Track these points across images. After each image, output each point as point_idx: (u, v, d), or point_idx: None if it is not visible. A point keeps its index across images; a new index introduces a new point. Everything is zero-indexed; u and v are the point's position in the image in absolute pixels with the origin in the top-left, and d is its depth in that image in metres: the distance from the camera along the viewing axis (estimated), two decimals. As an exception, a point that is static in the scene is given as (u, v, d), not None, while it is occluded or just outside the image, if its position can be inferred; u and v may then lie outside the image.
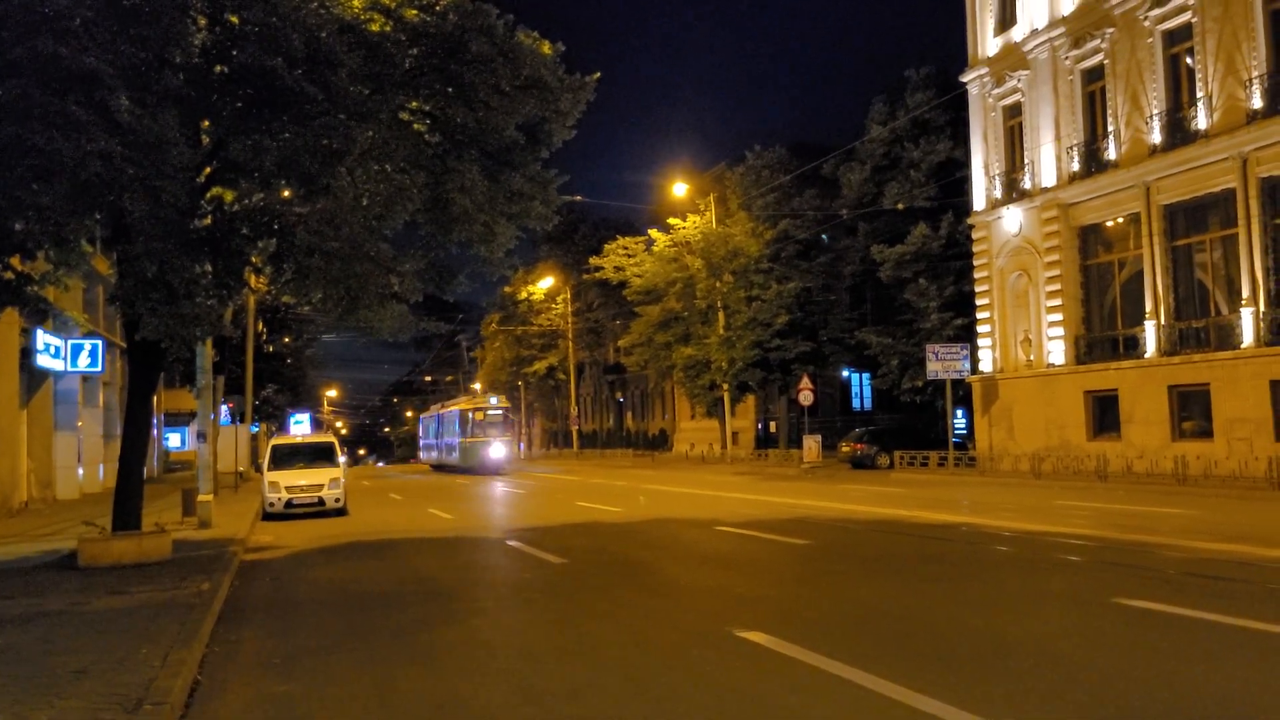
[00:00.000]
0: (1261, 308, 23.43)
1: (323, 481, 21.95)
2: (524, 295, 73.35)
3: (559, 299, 70.20)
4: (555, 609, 9.57)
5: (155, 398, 24.27)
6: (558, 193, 16.44)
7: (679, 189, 45.38)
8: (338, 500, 21.90)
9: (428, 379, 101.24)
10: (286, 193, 13.86)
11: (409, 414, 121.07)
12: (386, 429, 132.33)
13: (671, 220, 45.83)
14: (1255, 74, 23.42)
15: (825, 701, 5.98)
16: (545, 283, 69.97)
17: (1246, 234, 23.75)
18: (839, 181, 41.60)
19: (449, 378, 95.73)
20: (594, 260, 50.29)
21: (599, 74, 15.39)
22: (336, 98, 12.01)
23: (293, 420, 57.96)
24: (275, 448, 23.72)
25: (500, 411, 47.61)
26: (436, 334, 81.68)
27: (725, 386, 44.62)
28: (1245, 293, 23.74)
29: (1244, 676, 6.23)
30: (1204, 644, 7.11)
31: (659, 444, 64.06)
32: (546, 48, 14.76)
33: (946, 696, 5.82)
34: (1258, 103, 23.35)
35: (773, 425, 51.76)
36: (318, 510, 21.72)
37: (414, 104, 14.79)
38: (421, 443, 66.34)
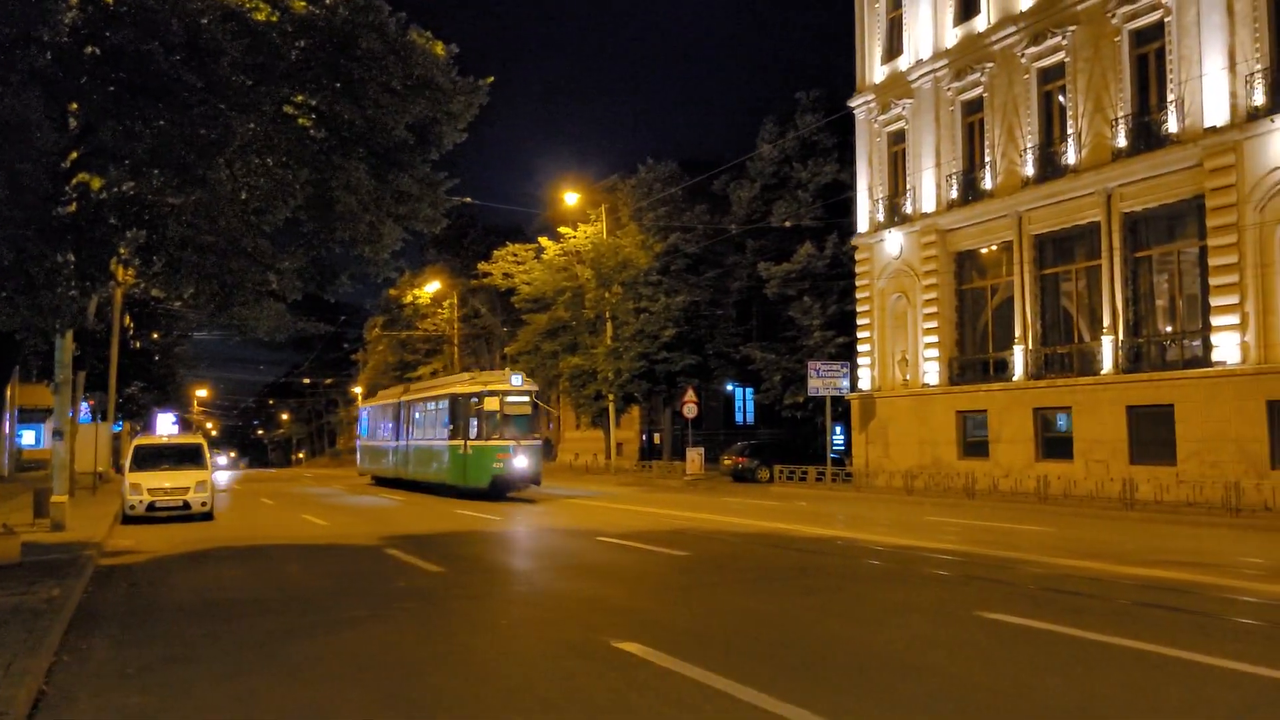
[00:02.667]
0: (1120, 336, 24.67)
1: (188, 484, 21.08)
2: (410, 299, 72.11)
3: (446, 304, 69.23)
4: (430, 619, 9.38)
5: (8, 392, 22.95)
6: (447, 195, 16.21)
7: (570, 198, 45.32)
8: (204, 504, 21.06)
9: (306, 381, 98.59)
10: (160, 183, 13.31)
11: (284, 416, 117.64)
12: (260, 431, 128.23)
13: (562, 229, 45.74)
14: (1121, 114, 24.69)
15: (697, 712, 5.99)
16: (432, 287, 68.90)
17: (1109, 265, 25.00)
18: (729, 198, 42.24)
19: (328, 380, 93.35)
20: (483, 266, 49.81)
21: (492, 78, 15.25)
22: (216, 87, 11.58)
23: (158, 419, 54.55)
24: (138, 448, 22.68)
25: (527, 396, 28.28)
26: (317, 335, 79.82)
27: (611, 397, 44.69)
28: (1106, 321, 24.97)
29: (1096, 688, 6.49)
30: (1060, 656, 7.39)
31: (544, 453, 63.69)
32: (439, 48, 14.54)
33: (816, 706, 5.90)
34: (1122, 142, 24.62)
35: (657, 437, 52.05)
36: (182, 514, 20.86)
37: (299, 98, 14.36)
38: (362, 444, 43.77)
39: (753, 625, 8.83)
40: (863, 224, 33.62)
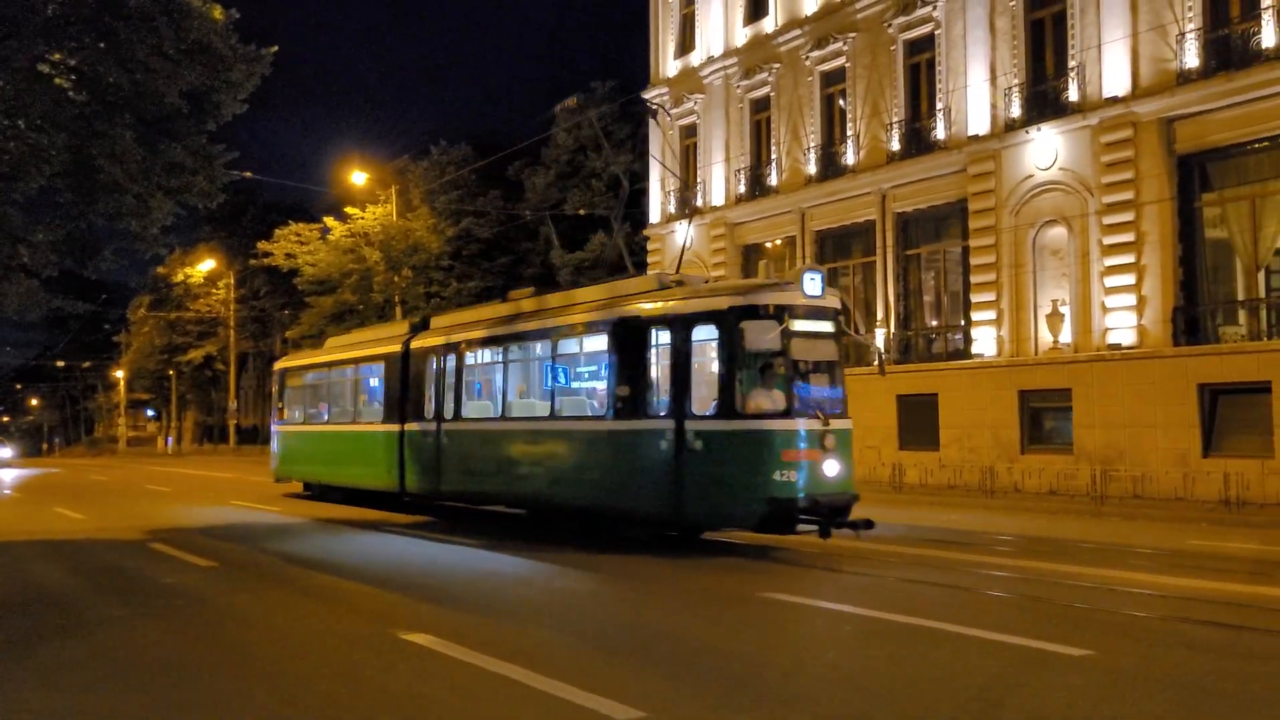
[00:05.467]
0: (892, 329, 26.25)
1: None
2: (181, 278, 67.78)
3: (221, 284, 65.45)
4: (201, 617, 8.81)
5: None
6: (225, 169, 15.31)
7: (359, 177, 43.81)
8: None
9: (60, 364, 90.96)
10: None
11: (34, 402, 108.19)
12: (6, 417, 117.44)
13: (350, 209, 44.17)
14: (896, 119, 26.21)
15: (488, 700, 5.90)
16: (206, 265, 65.01)
17: (883, 262, 26.54)
18: (523, 184, 42.04)
19: (86, 364, 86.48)
20: (263, 245, 47.37)
21: (276, 47, 14.52)
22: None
23: None
24: None
25: (831, 321, 12.37)
26: (74, 314, 73.78)
27: (400, 383, 43.62)
28: (880, 315, 26.50)
29: (868, 661, 6.85)
30: (838, 633, 7.75)
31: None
32: (218, 12, 13.70)
33: (612, 693, 5.91)
34: (896, 145, 26.14)
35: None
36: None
37: (57, 56, 13.19)
38: (288, 431, 23.60)
39: (550, 612, 8.81)
40: (655, 214, 34.23)
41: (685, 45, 33.44)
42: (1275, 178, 19.63)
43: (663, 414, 12.12)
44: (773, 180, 29.88)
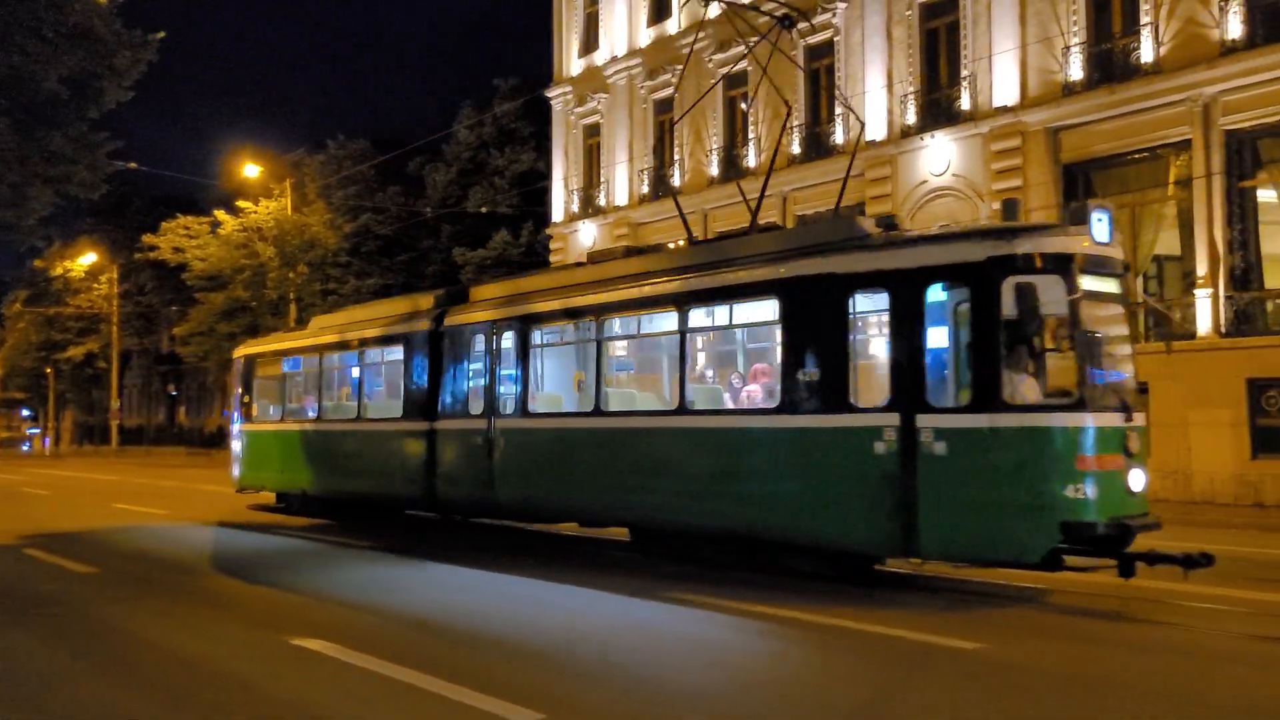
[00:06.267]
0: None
1: None
2: (60, 271, 64.83)
3: (104, 278, 62.80)
4: (80, 626, 8.41)
5: None
6: (108, 159, 14.69)
7: (251, 170, 42.55)
8: None
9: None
10: None
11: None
12: None
13: (242, 203, 42.90)
14: (797, 123, 26.59)
15: (382, 705, 5.77)
16: (88, 259, 62.32)
17: (783, 264, 26.88)
18: (424, 181, 41.45)
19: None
20: (149, 239, 45.57)
21: (163, 33, 14.00)
22: None
23: None
24: None
25: (1117, 280, 9.14)
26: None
27: (295, 382, 42.54)
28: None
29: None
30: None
31: (217, 442, 59.48)
32: (102, -6, 13.13)
33: (513, 696, 5.83)
34: (797, 149, 26.54)
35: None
36: None
37: (-77, 34, 12.47)
38: (260, 432, 19.16)
39: (453, 614, 8.65)
40: (558, 213, 34.10)
41: (589, 44, 33.38)
42: (1154, 187, 20.52)
43: (876, 406, 9.03)
44: (676, 181, 30.04)
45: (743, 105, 28.40)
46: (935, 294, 9.00)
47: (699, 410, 10.77)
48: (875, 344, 9.84)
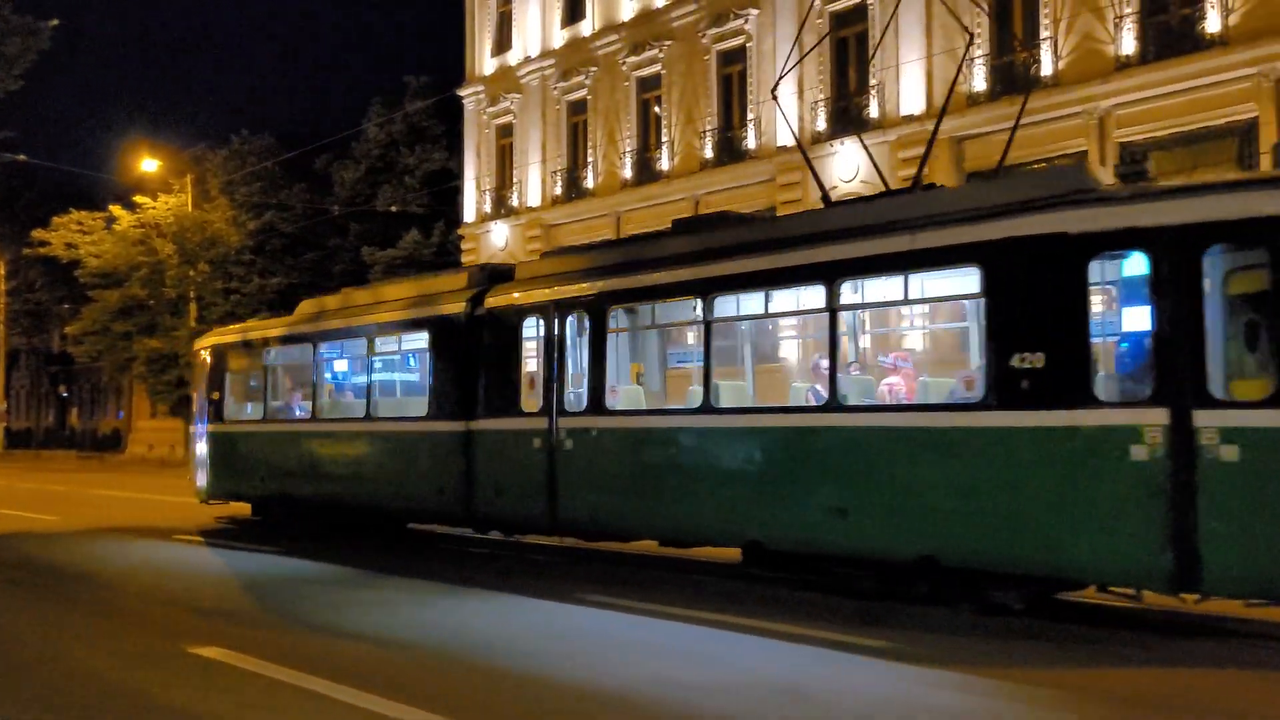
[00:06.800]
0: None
1: None
2: (-57, 267, 61.84)
3: (-9, 275, 60.13)
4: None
5: None
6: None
7: (149, 165, 41.16)
8: None
9: None
10: None
11: None
12: None
13: (140, 199, 41.40)
14: (709, 127, 26.79)
15: (280, 713, 5.59)
16: (-27, 254, 59.53)
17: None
18: (332, 178, 40.62)
19: None
20: (39, 234, 43.64)
21: (57, 21, 13.43)
22: None
23: None
24: None
25: None
26: None
27: (194, 384, 41.23)
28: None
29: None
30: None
31: (111, 445, 57.44)
32: (-12, -24, 12.51)
33: (416, 702, 5.71)
34: (710, 153, 26.73)
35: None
36: None
37: None
38: (234, 433, 16.77)
39: (361, 624, 8.44)
40: (469, 214, 33.76)
41: (502, 44, 33.12)
42: (1052, 197, 21.14)
43: (1133, 400, 7.43)
44: (589, 183, 29.98)
45: (656, 108, 28.49)
46: (1218, 257, 7.33)
47: (855, 407, 8.99)
48: (1124, 319, 8.07)
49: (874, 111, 23.27)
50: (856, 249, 8.79)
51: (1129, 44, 19.33)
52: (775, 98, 12.61)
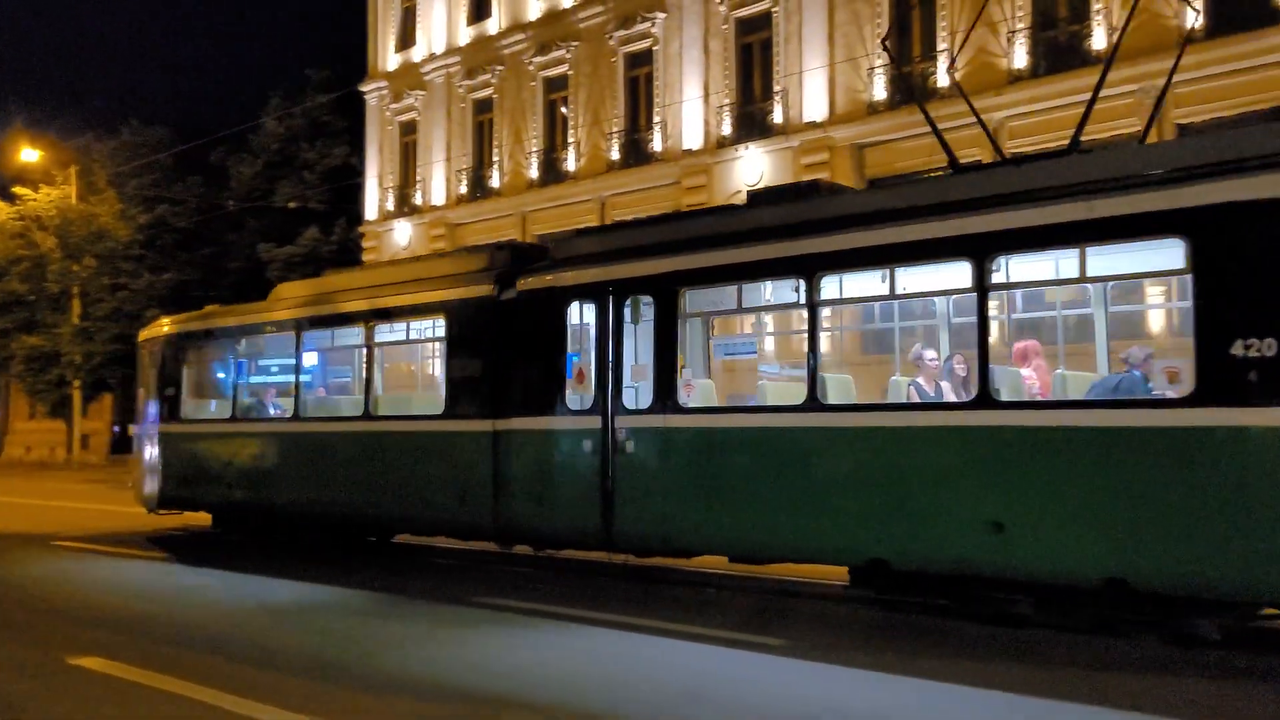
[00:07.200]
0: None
1: None
2: None
3: None
4: None
5: None
6: None
7: (30, 155, 39.38)
8: None
9: None
10: None
11: None
12: None
13: (19, 190, 39.64)
14: (616, 129, 26.81)
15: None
16: None
17: (601, 268, 26.98)
18: (228, 172, 39.44)
19: None
20: (-92, 225, 41.50)
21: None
22: None
23: None
24: None
25: None
26: None
27: (77, 384, 39.57)
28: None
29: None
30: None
31: (-12, 448, 54.78)
32: None
33: (278, 702, 5.63)
34: (616, 155, 26.75)
35: (131, 428, 47.12)
36: None
37: None
38: (196, 431, 15.04)
39: (236, 628, 8.18)
40: (371, 211, 33.18)
41: (407, 39, 32.63)
42: (948, 204, 21.69)
43: None
44: (495, 182, 29.73)
45: (563, 109, 28.40)
46: None
47: (1014, 403, 7.76)
48: None
49: (778, 117, 23.58)
50: (1014, 218, 7.51)
51: (1021, 58, 19.98)
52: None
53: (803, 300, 8.57)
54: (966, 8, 20.50)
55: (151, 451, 15.32)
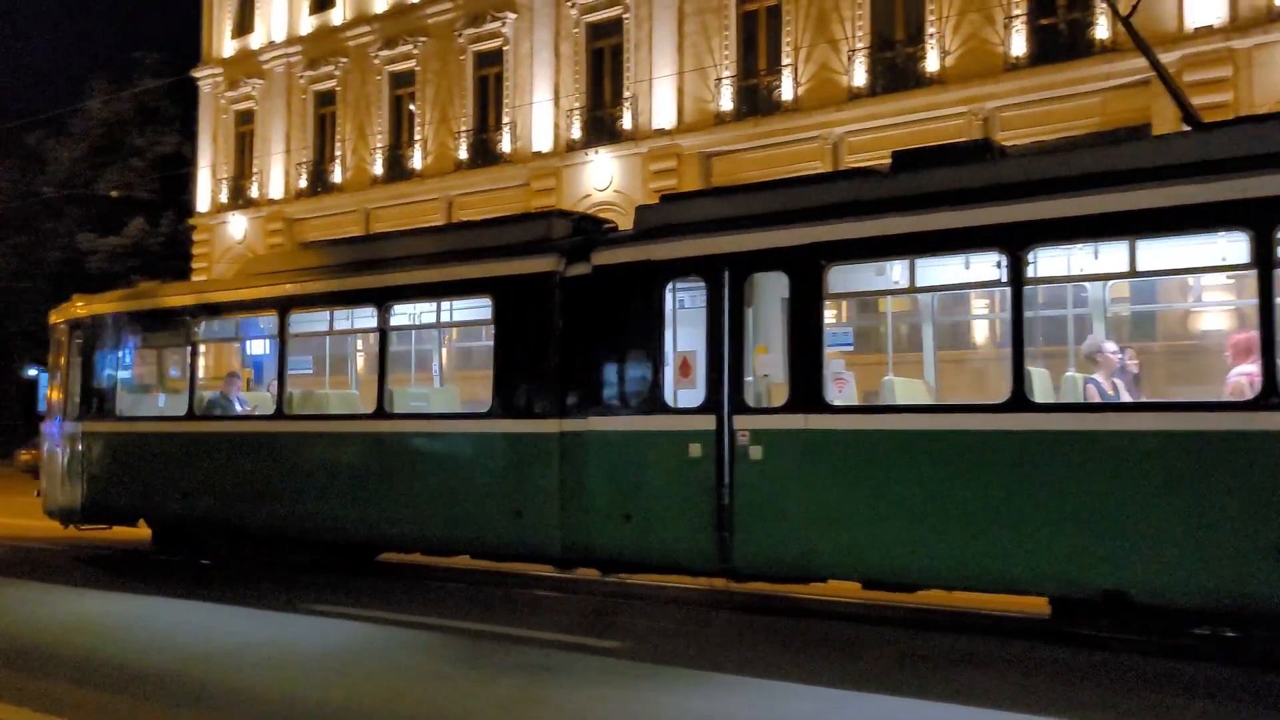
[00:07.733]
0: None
1: None
2: None
3: None
4: None
5: None
6: None
7: None
8: None
9: None
10: None
11: None
12: None
13: None
14: (464, 129, 26.37)
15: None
16: None
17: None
18: (46, 156, 36.98)
19: None
20: None
21: None
22: None
23: None
24: None
25: None
26: None
27: None
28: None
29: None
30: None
31: None
32: None
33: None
34: (464, 154, 26.33)
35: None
36: None
37: None
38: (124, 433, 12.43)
39: (60, 642, 7.61)
40: (204, 203, 31.67)
41: (244, 25, 31.27)
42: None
43: None
44: (337, 178, 28.82)
45: (410, 105, 27.77)
46: None
47: None
48: None
49: (627, 123, 23.68)
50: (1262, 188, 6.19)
51: (860, 76, 20.65)
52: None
53: (1003, 278, 7.08)
54: (810, 25, 21.09)
55: (70, 454, 12.81)
